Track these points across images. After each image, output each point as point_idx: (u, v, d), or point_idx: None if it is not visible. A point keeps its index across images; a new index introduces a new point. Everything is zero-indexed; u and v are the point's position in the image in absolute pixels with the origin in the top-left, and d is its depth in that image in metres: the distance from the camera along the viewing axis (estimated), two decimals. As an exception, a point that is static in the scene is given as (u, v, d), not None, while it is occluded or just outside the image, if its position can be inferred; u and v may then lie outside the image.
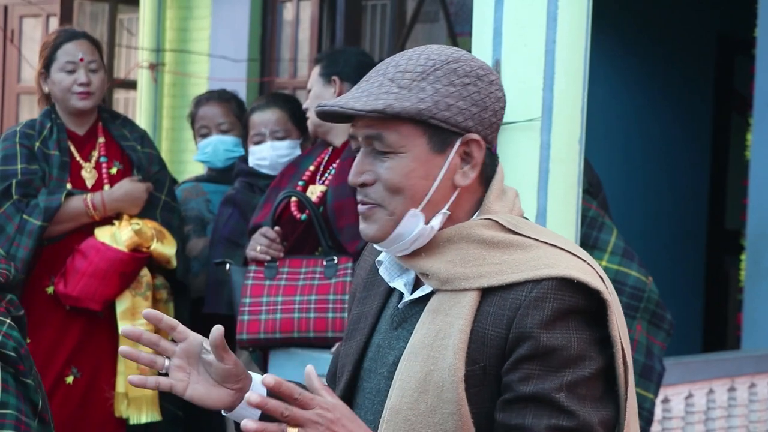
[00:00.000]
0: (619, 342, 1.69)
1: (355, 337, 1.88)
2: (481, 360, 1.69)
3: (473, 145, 1.76)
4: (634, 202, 6.75)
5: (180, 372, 1.81)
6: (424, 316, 1.75)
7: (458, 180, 1.76)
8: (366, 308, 1.89)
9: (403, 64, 1.76)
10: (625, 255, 3.48)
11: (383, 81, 1.75)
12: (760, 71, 5.34)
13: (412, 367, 1.72)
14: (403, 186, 1.74)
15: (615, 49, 6.69)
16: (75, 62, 3.88)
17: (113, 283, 3.79)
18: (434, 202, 1.76)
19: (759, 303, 5.18)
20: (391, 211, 1.75)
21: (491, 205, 1.78)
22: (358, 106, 1.72)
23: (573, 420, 1.64)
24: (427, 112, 1.72)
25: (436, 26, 6.99)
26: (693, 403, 4.21)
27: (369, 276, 1.92)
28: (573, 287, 1.68)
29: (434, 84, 1.73)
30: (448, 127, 1.73)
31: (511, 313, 1.68)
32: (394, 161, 1.74)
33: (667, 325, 3.53)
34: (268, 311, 3.54)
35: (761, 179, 5.27)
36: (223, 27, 7.48)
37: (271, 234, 3.62)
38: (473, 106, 1.74)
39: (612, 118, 6.68)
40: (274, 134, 4.04)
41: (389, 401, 1.74)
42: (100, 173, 3.93)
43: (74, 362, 3.83)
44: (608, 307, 1.69)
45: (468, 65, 1.76)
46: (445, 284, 1.74)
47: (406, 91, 1.72)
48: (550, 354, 1.66)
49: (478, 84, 1.75)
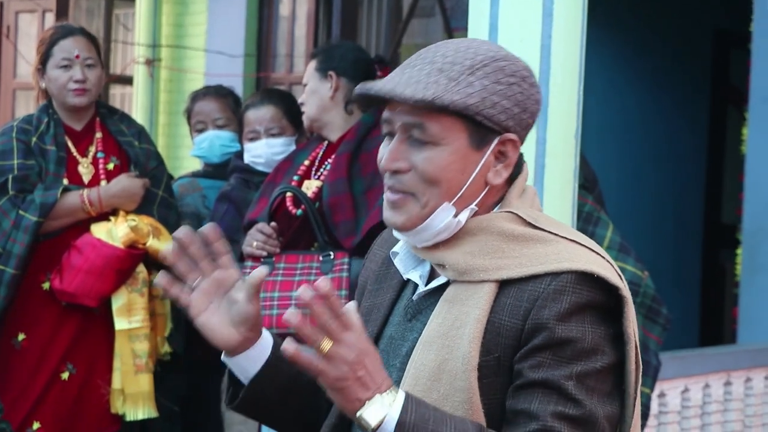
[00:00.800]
0: (633, 340, 1.70)
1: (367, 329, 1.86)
2: (495, 351, 1.69)
3: (509, 144, 1.76)
4: (630, 197, 6.75)
5: (203, 297, 1.80)
6: (440, 306, 1.75)
7: (491, 178, 1.76)
8: (378, 300, 1.89)
9: (450, 55, 1.74)
10: (621, 250, 3.49)
11: (431, 70, 1.72)
12: (756, 66, 5.34)
13: (426, 356, 1.72)
14: (440, 178, 1.73)
15: (611, 44, 6.69)
16: (71, 59, 3.88)
17: (109, 279, 3.78)
18: (465, 197, 1.75)
19: (755, 297, 5.19)
20: (424, 202, 1.74)
21: (512, 201, 1.78)
22: (408, 93, 1.70)
23: (579, 409, 1.65)
24: (474, 108, 1.71)
25: (432, 21, 6.99)
26: (689, 398, 4.22)
27: (381, 268, 1.92)
28: (592, 282, 1.68)
29: (482, 80, 1.72)
30: (490, 125, 1.73)
31: (528, 305, 1.69)
32: (433, 152, 1.73)
33: (662, 320, 3.53)
34: (265, 307, 3.54)
35: (757, 174, 5.28)
36: (220, 22, 7.47)
37: (267, 230, 3.61)
38: (515, 106, 1.74)
39: (608, 113, 6.68)
40: (269, 131, 4.04)
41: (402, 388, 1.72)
42: (97, 169, 3.93)
43: (70, 358, 3.83)
44: (626, 304, 1.69)
45: (514, 65, 1.75)
46: (462, 275, 1.74)
47: (455, 83, 1.71)
48: (564, 345, 1.66)
49: (522, 85, 1.75)
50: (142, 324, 3.84)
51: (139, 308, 3.84)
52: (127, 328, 3.83)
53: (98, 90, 3.96)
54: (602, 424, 1.66)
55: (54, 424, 3.81)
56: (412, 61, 1.77)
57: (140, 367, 3.84)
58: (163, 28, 7.70)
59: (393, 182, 1.76)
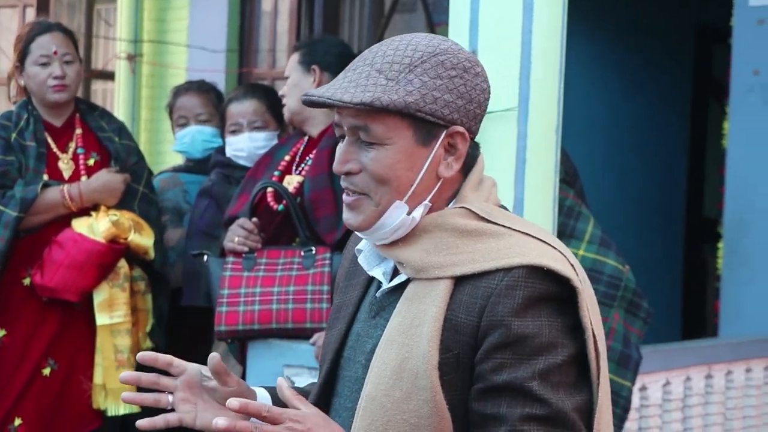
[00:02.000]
0: (590, 328, 1.71)
1: (336, 326, 1.90)
2: (454, 348, 1.70)
3: (458, 137, 1.76)
4: (611, 191, 6.77)
5: (186, 404, 1.83)
6: (400, 304, 1.77)
7: (442, 171, 1.77)
8: (347, 297, 1.91)
9: (390, 54, 1.75)
10: (602, 244, 3.50)
11: (370, 72, 1.74)
12: (736, 60, 5.36)
13: (387, 355, 1.74)
14: (389, 177, 1.75)
15: (592, 39, 6.70)
16: (49, 55, 3.87)
17: (90, 274, 3.78)
18: (418, 194, 1.77)
19: (736, 291, 5.21)
20: (377, 201, 1.76)
21: (467, 195, 1.79)
22: (346, 98, 1.72)
23: (546, 408, 1.66)
24: (414, 106, 1.72)
25: (414, 16, 6.99)
26: (670, 391, 4.23)
27: (351, 266, 1.94)
28: (543, 275, 1.69)
29: (421, 77, 1.73)
30: (434, 120, 1.74)
31: (483, 302, 1.70)
32: (380, 152, 1.74)
33: (644, 314, 3.55)
34: (247, 302, 3.54)
35: (738, 168, 5.30)
36: (202, 18, 7.46)
37: (249, 225, 3.61)
38: (459, 98, 1.74)
39: (590, 107, 6.69)
40: (252, 125, 4.03)
41: (365, 388, 1.75)
42: (78, 164, 3.92)
43: (51, 354, 3.82)
44: (578, 294, 1.70)
45: (455, 57, 1.76)
46: (419, 273, 1.76)
47: (394, 83, 1.72)
48: (522, 342, 1.67)
49: (465, 76, 1.75)
50: (123, 319, 3.84)
51: (120, 303, 3.83)
52: (108, 323, 3.82)
53: (77, 85, 3.96)
54: (571, 418, 1.67)
55: (36, 420, 3.81)
56: (354, 63, 1.78)
57: (122, 363, 3.84)
58: (144, 23, 7.68)
59: (347, 184, 1.79)
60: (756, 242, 5.21)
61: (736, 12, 5.36)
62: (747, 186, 5.26)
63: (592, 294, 1.77)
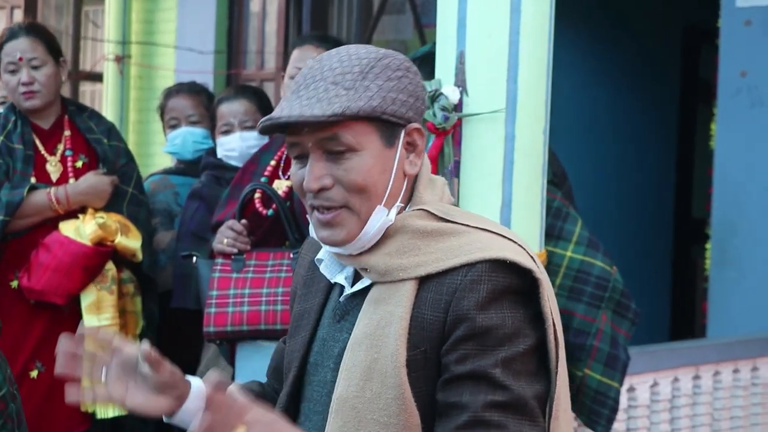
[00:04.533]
0: (551, 318, 1.75)
1: (299, 333, 1.93)
2: (421, 345, 1.74)
3: (415, 134, 1.82)
4: (600, 192, 6.78)
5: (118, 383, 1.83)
6: (365, 307, 1.80)
7: (408, 169, 1.82)
8: (308, 305, 1.93)
9: (337, 66, 1.79)
10: (590, 245, 3.50)
11: (326, 86, 1.77)
12: (723, 61, 5.37)
13: (356, 357, 1.77)
14: (366, 184, 1.77)
15: (580, 40, 6.71)
16: (15, 62, 3.84)
17: (77, 276, 3.77)
18: (392, 195, 1.81)
19: (724, 292, 5.23)
20: (358, 211, 1.78)
21: (422, 195, 1.84)
22: (317, 112, 1.74)
23: (507, 394, 1.69)
24: (379, 109, 1.76)
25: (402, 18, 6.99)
26: (658, 392, 4.24)
27: (308, 273, 1.96)
28: (506, 268, 1.74)
29: (375, 81, 1.78)
30: (395, 120, 1.78)
31: (448, 297, 1.74)
32: (352, 161, 1.77)
33: (631, 315, 3.55)
34: (235, 304, 3.54)
35: (725, 169, 5.31)
36: (190, 19, 7.45)
37: (238, 227, 3.61)
38: (410, 96, 1.81)
39: (578, 108, 6.71)
40: (243, 124, 4.04)
41: (336, 391, 1.78)
42: (65, 167, 3.91)
43: (39, 356, 3.81)
44: (540, 285, 1.75)
45: (395, 59, 1.82)
46: (384, 276, 1.79)
47: (353, 91, 1.76)
48: (486, 334, 1.71)
49: (409, 75, 1.82)
50: (111, 321, 3.83)
51: (108, 306, 3.83)
52: (96, 325, 3.81)
53: (52, 88, 3.87)
54: (530, 405, 1.71)
55: (23, 422, 3.80)
56: (303, 83, 1.79)
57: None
58: (132, 24, 7.67)
59: (320, 201, 1.79)
60: (744, 243, 5.22)
61: (723, 13, 5.38)
62: (735, 187, 5.28)
63: (550, 285, 1.81)
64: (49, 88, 3.87)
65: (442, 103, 2.96)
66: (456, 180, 2.98)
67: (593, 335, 3.42)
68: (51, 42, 3.92)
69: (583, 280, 3.43)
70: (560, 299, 3.39)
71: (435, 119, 2.96)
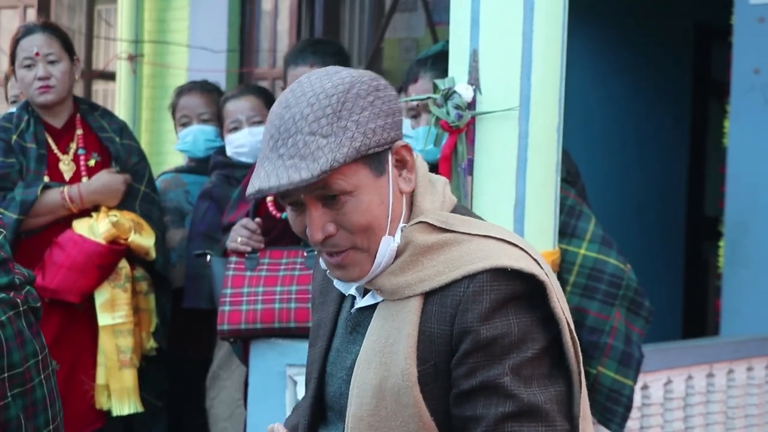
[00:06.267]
0: (564, 318, 1.74)
1: (317, 344, 1.93)
2: (431, 358, 1.74)
3: (403, 150, 1.78)
4: (613, 190, 6.77)
5: None
6: (374, 322, 1.80)
7: (403, 187, 1.79)
8: (324, 314, 1.94)
9: (309, 113, 1.72)
10: (603, 243, 3.50)
11: (305, 138, 1.71)
12: (736, 59, 5.36)
13: (366, 375, 1.77)
14: (369, 221, 1.75)
15: (593, 38, 6.70)
16: (32, 57, 3.85)
17: (91, 275, 3.78)
18: (394, 219, 1.79)
19: (737, 289, 5.21)
20: (367, 248, 1.77)
21: (421, 205, 1.82)
22: (305, 175, 1.68)
23: (518, 404, 1.69)
24: (363, 148, 1.72)
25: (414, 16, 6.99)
26: (672, 390, 4.23)
27: (324, 281, 1.96)
28: (508, 275, 1.72)
29: (351, 118, 1.72)
30: (381, 149, 1.75)
31: (452, 310, 1.72)
32: (350, 204, 1.74)
33: (645, 312, 3.55)
34: (249, 302, 3.55)
35: (739, 166, 5.30)
36: (202, 18, 7.46)
37: (252, 225, 3.62)
38: (387, 117, 1.76)
39: (590, 106, 6.70)
40: (251, 119, 4.05)
41: (350, 408, 1.79)
42: (78, 165, 3.92)
43: (53, 355, 3.80)
44: (546, 287, 1.73)
45: (363, 83, 1.75)
46: (392, 295, 1.78)
47: (333, 137, 1.70)
48: (492, 344, 1.70)
49: (380, 95, 1.76)
50: (125, 319, 3.84)
51: (122, 303, 3.84)
52: (110, 323, 3.83)
53: (66, 85, 3.90)
54: (544, 410, 1.69)
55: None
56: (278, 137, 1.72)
57: (125, 363, 3.84)
58: (145, 23, 7.68)
59: (328, 248, 1.77)
60: (757, 241, 5.21)
61: (736, 10, 5.36)
62: (748, 185, 5.27)
63: (558, 285, 1.80)
64: (64, 84, 3.89)
65: (455, 101, 2.95)
66: (470, 178, 2.98)
67: (607, 333, 3.42)
68: (66, 39, 3.95)
69: (596, 278, 3.42)
70: (574, 297, 3.39)
71: (448, 117, 2.96)
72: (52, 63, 3.86)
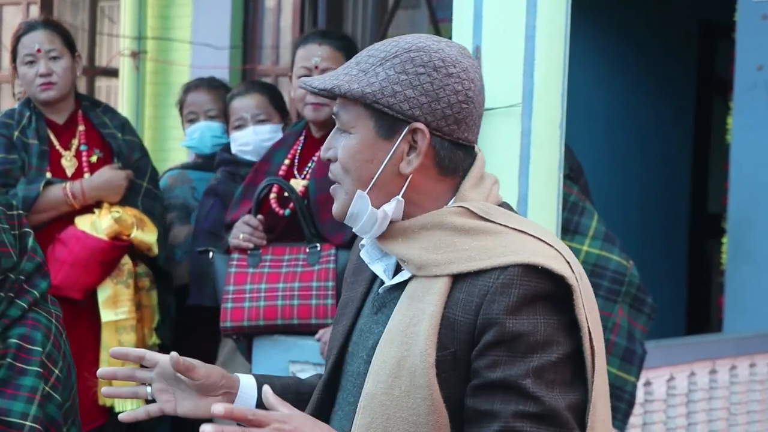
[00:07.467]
0: (586, 326, 1.71)
1: (341, 322, 1.92)
2: (451, 346, 1.72)
3: (418, 134, 1.78)
4: (616, 186, 6.77)
5: (164, 394, 1.88)
6: (401, 302, 1.79)
7: (403, 167, 1.79)
8: (353, 293, 1.93)
9: (375, 48, 1.81)
10: (606, 239, 3.50)
11: (351, 63, 1.81)
12: (740, 55, 5.36)
13: (387, 353, 1.76)
14: (350, 166, 1.80)
15: (596, 34, 6.70)
16: (33, 54, 3.85)
17: (94, 271, 3.78)
18: (382, 187, 1.79)
19: (740, 286, 5.22)
20: (345, 189, 1.82)
21: (466, 193, 1.81)
22: (316, 83, 1.81)
23: (539, 406, 1.67)
24: (370, 96, 1.76)
25: (417, 12, 6.99)
26: (674, 386, 4.23)
27: (358, 261, 1.95)
28: (538, 273, 1.70)
29: (388, 70, 1.77)
30: (392, 113, 1.77)
31: (479, 300, 1.71)
32: (347, 140, 1.80)
33: (648, 309, 3.55)
34: (252, 299, 3.55)
35: (742, 163, 5.30)
36: (205, 14, 7.46)
37: (254, 222, 3.61)
38: (423, 95, 1.76)
39: (593, 103, 6.69)
40: (256, 118, 4.05)
41: (366, 386, 1.77)
42: (80, 161, 3.92)
43: (55, 351, 3.82)
44: (573, 292, 1.71)
45: (427, 55, 1.77)
46: (420, 270, 1.77)
47: (363, 74, 1.78)
48: (516, 340, 1.68)
49: (433, 75, 1.76)
50: (128, 315, 3.84)
51: (125, 300, 3.84)
52: (113, 319, 3.83)
53: (68, 81, 3.89)
54: (564, 416, 1.68)
55: (41, 416, 3.81)
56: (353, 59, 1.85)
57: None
58: (148, 20, 7.68)
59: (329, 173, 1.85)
60: (760, 237, 5.21)
61: (739, 7, 5.36)
62: (751, 181, 5.27)
63: (590, 290, 1.78)
64: (66, 80, 3.88)
65: (458, 97, 2.95)
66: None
67: (610, 329, 3.42)
68: (67, 36, 3.95)
69: (599, 275, 3.43)
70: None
71: (451, 114, 2.95)
72: (53, 60, 3.86)
